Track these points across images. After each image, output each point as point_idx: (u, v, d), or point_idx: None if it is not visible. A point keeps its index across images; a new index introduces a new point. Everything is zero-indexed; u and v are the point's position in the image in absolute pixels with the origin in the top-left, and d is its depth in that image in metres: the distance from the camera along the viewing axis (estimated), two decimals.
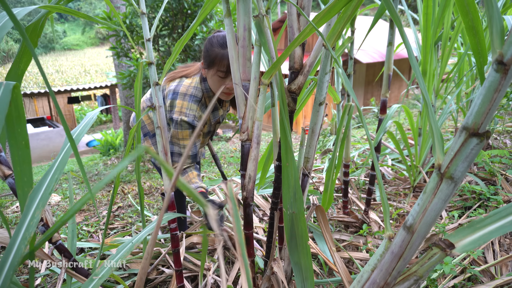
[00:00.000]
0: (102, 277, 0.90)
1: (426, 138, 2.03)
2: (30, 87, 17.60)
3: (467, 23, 0.66)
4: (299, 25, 0.81)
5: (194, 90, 1.31)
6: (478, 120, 0.51)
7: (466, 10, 0.64)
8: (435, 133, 0.61)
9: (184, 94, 1.30)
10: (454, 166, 0.55)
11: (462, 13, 0.65)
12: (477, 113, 0.51)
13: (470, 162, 0.54)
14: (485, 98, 0.49)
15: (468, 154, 0.54)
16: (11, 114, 0.72)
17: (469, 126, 0.52)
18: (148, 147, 0.39)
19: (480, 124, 0.51)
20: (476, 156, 0.53)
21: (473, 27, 0.66)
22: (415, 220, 0.62)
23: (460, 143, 0.54)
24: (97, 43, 33.23)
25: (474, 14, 0.65)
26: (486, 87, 0.49)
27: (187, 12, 4.09)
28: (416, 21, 9.14)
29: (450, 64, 2.75)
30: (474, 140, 0.52)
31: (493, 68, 0.48)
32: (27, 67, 0.80)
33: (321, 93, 0.89)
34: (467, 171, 0.59)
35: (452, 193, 0.57)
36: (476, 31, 0.66)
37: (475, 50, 0.70)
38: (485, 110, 0.50)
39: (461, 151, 0.54)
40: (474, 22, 0.66)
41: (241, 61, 0.82)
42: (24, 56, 0.77)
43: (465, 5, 0.64)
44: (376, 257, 0.71)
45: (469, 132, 0.52)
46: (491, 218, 0.56)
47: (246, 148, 0.87)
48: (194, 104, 1.31)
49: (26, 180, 0.73)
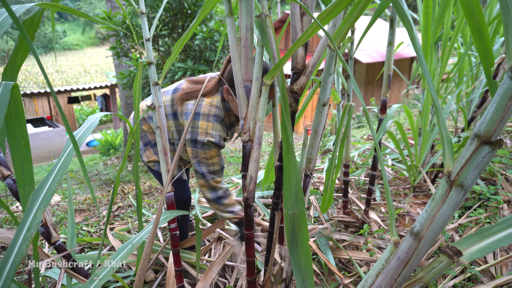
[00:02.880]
0: (103, 277, 0.90)
1: (426, 138, 2.03)
2: (30, 87, 17.59)
3: (472, 25, 0.64)
4: (302, 25, 0.81)
5: (216, 110, 1.28)
6: (491, 128, 0.50)
7: (471, 12, 0.62)
8: (445, 138, 0.60)
9: (208, 114, 1.27)
10: (465, 174, 0.54)
11: (467, 15, 0.63)
12: (490, 120, 0.49)
13: (481, 170, 0.53)
14: (499, 106, 0.48)
15: (479, 162, 0.52)
16: (11, 114, 0.72)
17: (481, 134, 0.51)
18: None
19: (493, 132, 0.50)
20: (487, 164, 0.52)
21: (478, 29, 0.64)
22: (423, 227, 0.61)
23: (471, 150, 0.53)
24: (97, 43, 33.21)
25: (479, 17, 0.63)
26: (500, 95, 0.47)
27: (187, 12, 4.09)
28: (416, 21, 9.14)
29: (450, 64, 2.75)
30: (486, 148, 0.51)
31: (508, 76, 0.47)
32: (23, 62, 0.79)
33: (325, 94, 0.88)
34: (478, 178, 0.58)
35: (462, 201, 0.56)
36: (481, 33, 0.64)
37: (481, 53, 0.68)
38: (499, 118, 0.49)
39: (472, 159, 0.53)
40: (480, 24, 0.64)
41: (243, 61, 0.82)
42: (21, 51, 0.77)
43: (470, 7, 0.62)
44: (381, 262, 0.71)
45: (481, 140, 0.51)
46: (500, 226, 0.55)
47: (247, 149, 0.87)
48: (218, 124, 1.28)
49: (27, 179, 0.73)
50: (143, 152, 1.51)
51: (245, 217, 0.93)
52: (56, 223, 2.29)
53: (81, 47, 32.23)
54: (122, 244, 1.03)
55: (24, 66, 22.69)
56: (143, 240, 1.04)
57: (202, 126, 1.26)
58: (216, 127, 1.28)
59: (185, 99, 1.33)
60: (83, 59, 26.34)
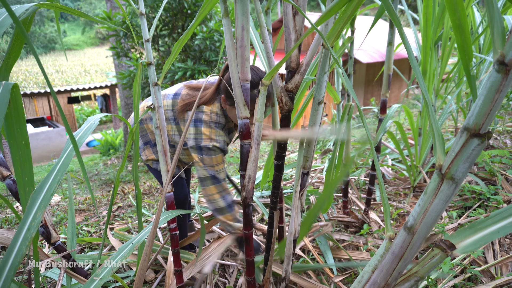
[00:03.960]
0: (103, 278, 0.90)
1: (426, 138, 2.03)
2: (30, 87, 17.59)
3: (454, 21, 0.67)
4: (295, 24, 0.81)
5: (217, 117, 1.31)
6: (479, 120, 0.51)
7: (454, 8, 0.65)
8: (436, 133, 0.61)
9: (210, 122, 1.30)
10: (455, 167, 0.55)
11: (450, 11, 0.66)
12: (478, 113, 0.51)
13: (471, 163, 0.54)
14: (486, 98, 0.49)
15: (469, 155, 0.53)
16: (11, 114, 0.72)
17: (470, 127, 0.52)
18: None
19: (482, 125, 0.51)
20: (477, 157, 0.53)
21: (460, 25, 0.67)
22: (416, 220, 0.61)
23: (461, 143, 0.54)
24: (97, 43, 33.21)
25: (461, 13, 0.66)
26: (487, 88, 0.49)
27: (187, 12, 4.09)
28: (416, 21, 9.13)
29: (450, 64, 2.75)
30: (475, 141, 0.52)
31: (495, 69, 0.48)
32: (15, 62, 0.80)
33: (320, 92, 0.89)
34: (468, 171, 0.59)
35: (453, 194, 0.57)
36: (462, 29, 0.67)
37: (461, 48, 0.71)
38: (486, 111, 0.50)
39: (462, 152, 0.54)
40: (461, 20, 0.67)
41: (239, 61, 0.82)
42: (13, 51, 0.78)
43: (453, 4, 0.65)
44: (376, 258, 0.71)
45: (470, 132, 0.52)
46: (492, 219, 0.56)
47: (245, 149, 0.87)
48: (220, 130, 1.32)
49: (27, 180, 0.73)
50: (142, 150, 1.52)
51: (244, 217, 0.93)
52: (56, 223, 2.29)
53: (81, 47, 32.24)
54: (122, 244, 1.04)
55: (24, 66, 22.71)
56: (143, 240, 1.04)
57: (206, 132, 1.29)
58: (219, 133, 1.31)
59: (186, 110, 1.36)
60: (83, 59, 26.35)
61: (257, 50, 1.10)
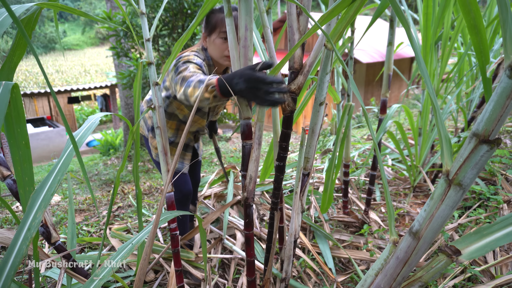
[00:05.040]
0: (103, 277, 0.90)
1: (426, 138, 2.03)
2: (30, 87, 17.59)
3: (469, 21, 0.65)
4: (299, 24, 0.81)
5: (196, 54, 1.27)
6: (489, 127, 0.50)
7: (468, 9, 0.63)
8: (443, 138, 0.60)
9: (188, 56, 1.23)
10: (463, 173, 0.54)
11: (464, 12, 0.64)
12: (488, 119, 0.49)
13: (479, 169, 0.53)
14: (497, 104, 0.48)
15: (477, 161, 0.52)
16: (11, 114, 0.72)
17: (480, 133, 0.51)
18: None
19: (491, 131, 0.50)
20: (486, 163, 0.52)
21: (475, 25, 0.65)
22: (422, 226, 0.61)
23: (469, 149, 0.53)
24: (97, 43, 33.19)
25: (476, 13, 0.64)
26: (498, 93, 0.47)
27: (187, 12, 4.08)
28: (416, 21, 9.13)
29: (450, 64, 2.75)
30: (484, 147, 0.51)
31: (506, 74, 0.47)
32: (20, 60, 0.79)
33: (321, 93, 0.88)
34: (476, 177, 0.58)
35: (460, 200, 0.56)
36: (478, 30, 0.65)
37: (477, 49, 0.69)
38: (497, 117, 0.49)
39: (471, 158, 0.53)
40: (476, 21, 0.65)
41: (242, 61, 0.82)
42: (18, 49, 0.77)
43: (467, 4, 0.63)
44: (380, 262, 0.71)
45: (479, 139, 0.51)
46: (498, 225, 0.55)
47: (247, 149, 0.87)
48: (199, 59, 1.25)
49: (28, 180, 0.73)
50: (151, 138, 1.51)
51: (245, 217, 0.93)
52: (56, 223, 2.29)
53: (81, 47, 32.22)
54: (122, 244, 1.03)
55: (24, 66, 22.69)
56: (143, 240, 1.03)
57: (185, 55, 1.23)
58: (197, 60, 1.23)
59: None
60: (83, 59, 26.34)
61: (257, 50, 1.10)
